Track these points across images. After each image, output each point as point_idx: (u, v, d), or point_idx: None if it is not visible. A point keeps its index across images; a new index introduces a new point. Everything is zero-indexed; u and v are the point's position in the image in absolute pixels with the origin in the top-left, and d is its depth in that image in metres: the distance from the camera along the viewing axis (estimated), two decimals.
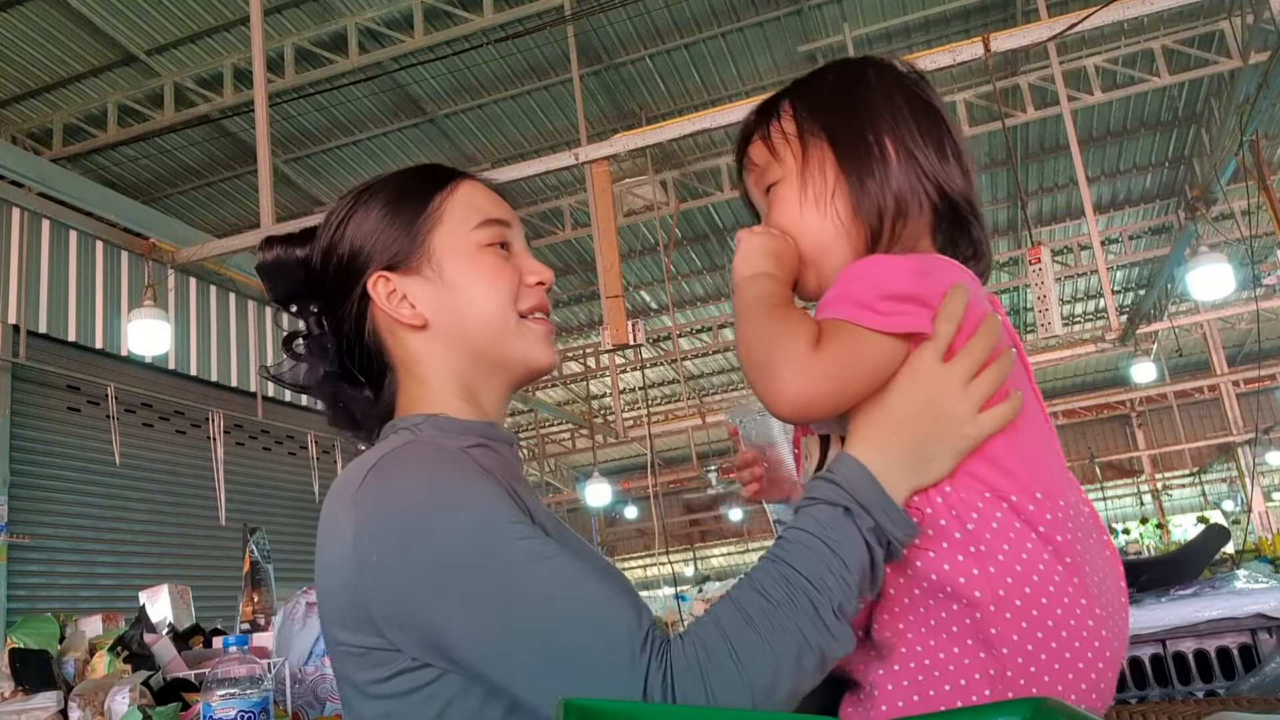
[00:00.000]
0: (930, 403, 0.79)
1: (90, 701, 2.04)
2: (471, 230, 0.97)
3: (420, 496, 0.82)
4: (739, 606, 0.77)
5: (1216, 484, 17.42)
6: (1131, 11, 4.17)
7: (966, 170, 0.91)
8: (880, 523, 0.77)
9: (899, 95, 0.91)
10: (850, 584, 0.76)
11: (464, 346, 0.97)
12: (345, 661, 0.87)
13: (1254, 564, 5.31)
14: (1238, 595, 2.56)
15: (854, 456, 0.80)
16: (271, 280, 1.01)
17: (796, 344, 0.79)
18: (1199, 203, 7.43)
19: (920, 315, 0.80)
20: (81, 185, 5.92)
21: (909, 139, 0.89)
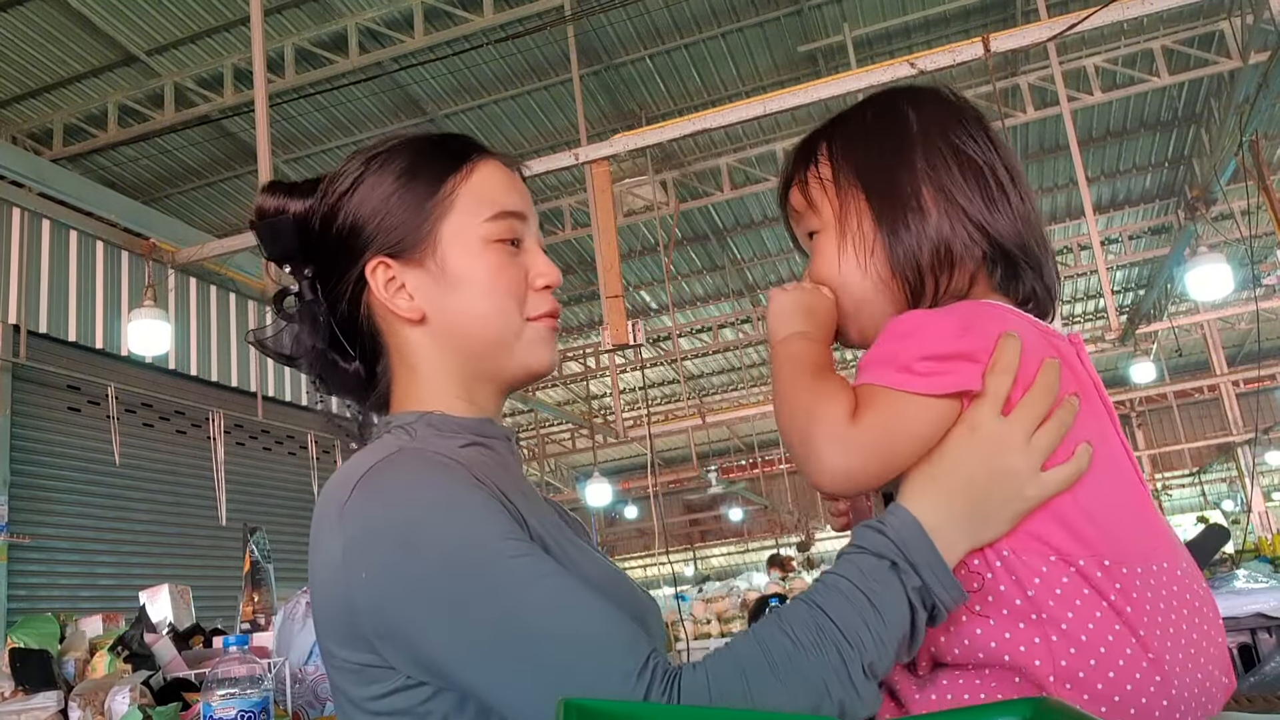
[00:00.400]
0: (988, 461, 0.75)
1: (90, 701, 2.04)
2: (483, 222, 0.91)
3: (409, 512, 0.79)
4: (762, 644, 0.73)
5: (1216, 484, 17.42)
6: (1131, 11, 4.17)
7: (1021, 210, 0.85)
8: (927, 582, 0.73)
9: (939, 135, 0.86)
10: (886, 643, 0.72)
11: (461, 345, 0.92)
12: (341, 676, 0.85)
13: (1254, 564, 5.31)
14: (1237, 595, 2.56)
15: (907, 509, 0.76)
16: (265, 235, 0.94)
17: (833, 416, 0.76)
18: (1199, 203, 7.43)
19: (968, 371, 0.76)
20: (82, 185, 5.92)
21: (950, 185, 0.84)
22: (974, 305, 0.83)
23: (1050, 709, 0.58)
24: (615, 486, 12.91)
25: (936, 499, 0.76)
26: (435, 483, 0.81)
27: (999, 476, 0.75)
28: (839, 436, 0.76)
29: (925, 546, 0.73)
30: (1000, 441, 0.75)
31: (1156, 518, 0.80)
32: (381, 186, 0.92)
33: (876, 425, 0.76)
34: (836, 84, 4.71)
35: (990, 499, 0.75)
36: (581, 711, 0.60)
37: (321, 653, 0.90)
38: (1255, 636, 2.61)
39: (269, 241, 0.95)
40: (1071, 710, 0.58)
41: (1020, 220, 0.85)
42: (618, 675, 0.72)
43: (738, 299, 12.24)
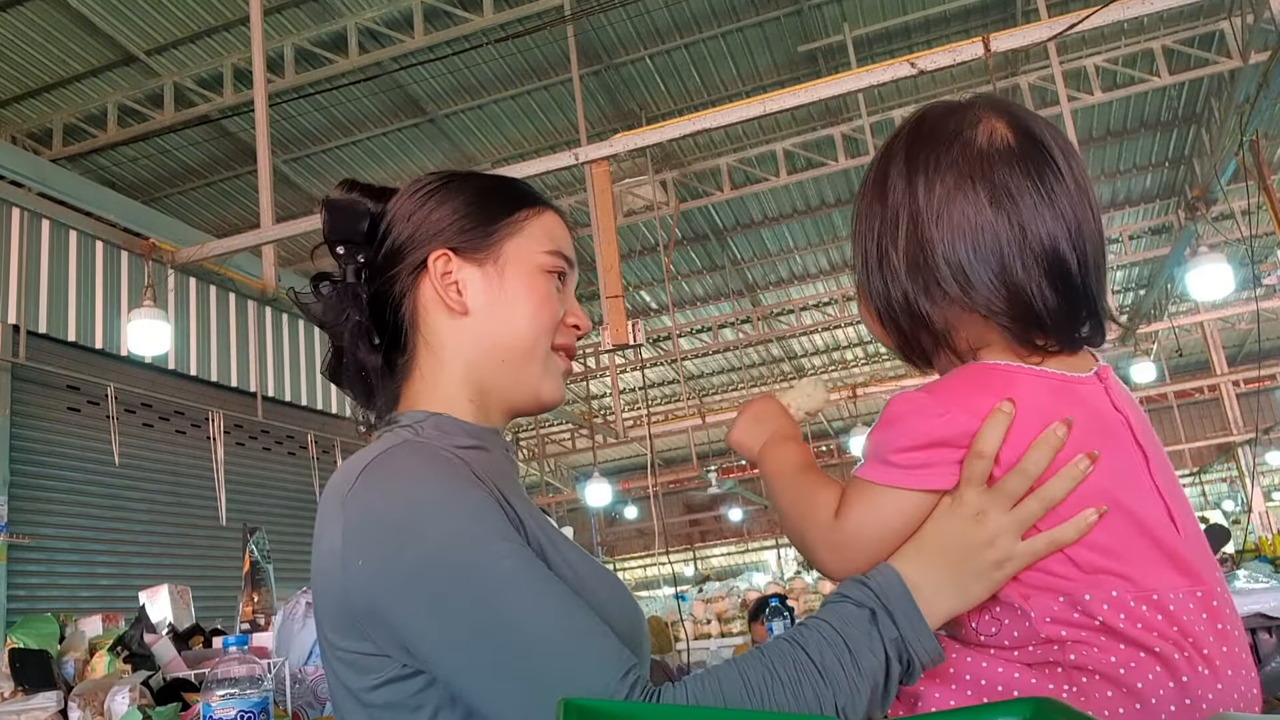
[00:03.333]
0: (964, 534, 0.78)
1: (90, 701, 2.04)
2: (542, 253, 0.99)
3: (409, 503, 0.81)
4: (742, 673, 0.76)
5: (1216, 484, 17.42)
6: (1131, 11, 4.16)
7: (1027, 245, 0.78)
8: (904, 634, 0.76)
9: (927, 182, 0.80)
10: (859, 689, 0.75)
11: (491, 350, 0.97)
12: (338, 666, 0.86)
13: (1254, 564, 5.31)
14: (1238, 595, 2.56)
15: (891, 566, 0.80)
16: (336, 217, 0.99)
17: (819, 519, 0.82)
18: (1199, 203, 7.42)
19: (942, 465, 0.78)
20: (81, 185, 5.92)
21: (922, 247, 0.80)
22: (972, 375, 0.81)
23: (1050, 709, 0.58)
24: (615, 486, 12.91)
25: (918, 562, 0.79)
26: (436, 477, 0.83)
27: (975, 549, 0.77)
28: (826, 538, 0.82)
29: (905, 599, 0.77)
30: (979, 516, 0.77)
31: (1182, 548, 0.78)
32: (461, 195, 1.00)
33: (859, 520, 0.80)
34: (836, 84, 4.71)
35: (967, 568, 0.78)
36: (581, 711, 0.60)
37: (320, 644, 0.91)
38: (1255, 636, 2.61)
39: (340, 220, 0.99)
40: (1071, 710, 0.58)
41: (1023, 257, 0.78)
42: (598, 684, 0.74)
43: (738, 299, 12.24)
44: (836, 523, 0.81)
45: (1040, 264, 0.78)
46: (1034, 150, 0.80)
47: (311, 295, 0.98)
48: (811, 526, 0.83)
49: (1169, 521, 0.79)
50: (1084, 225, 0.80)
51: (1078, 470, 0.76)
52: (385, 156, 8.40)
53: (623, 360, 12.21)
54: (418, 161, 8.53)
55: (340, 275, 0.99)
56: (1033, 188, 0.79)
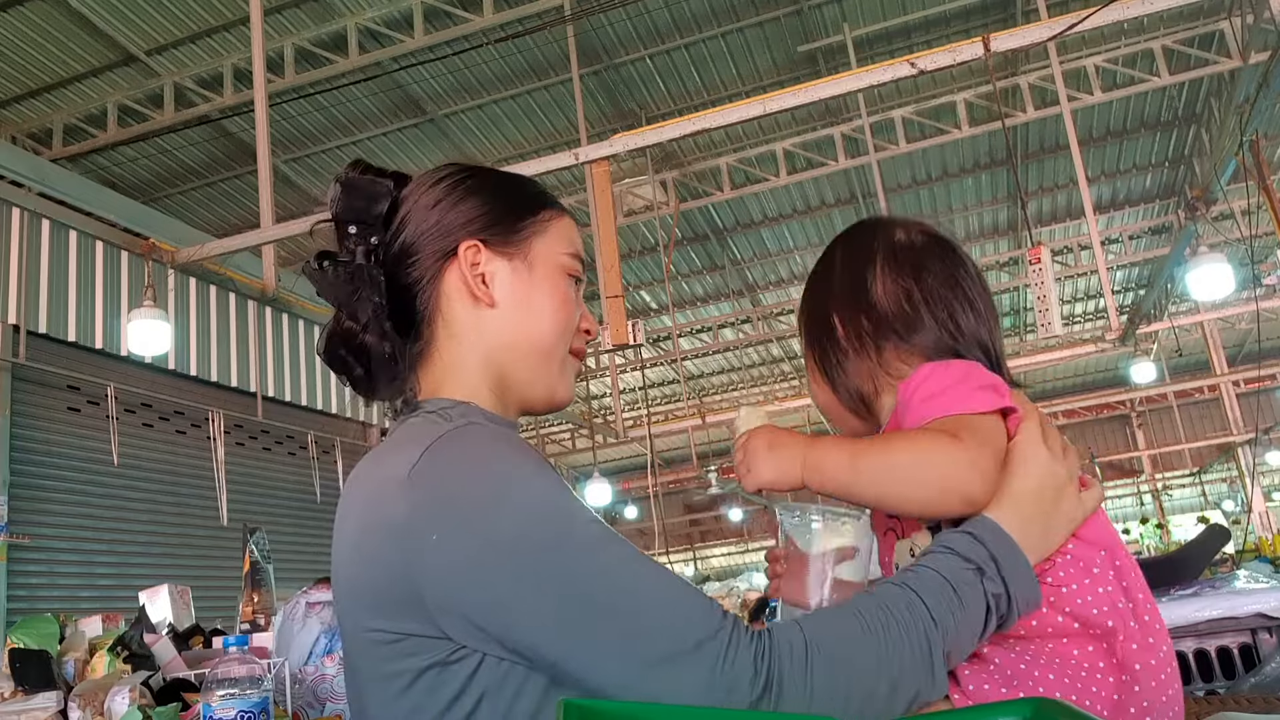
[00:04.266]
0: (1045, 480, 0.85)
1: (90, 702, 2.04)
2: (564, 254, 1.00)
3: (485, 476, 0.81)
4: (859, 614, 0.78)
5: (1217, 484, 17.41)
6: (1131, 11, 4.17)
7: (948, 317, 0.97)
8: (1010, 589, 0.80)
9: (859, 281, 1.01)
10: (964, 635, 0.79)
11: (514, 345, 0.97)
12: (373, 650, 0.84)
13: (1254, 564, 5.31)
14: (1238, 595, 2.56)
15: (996, 521, 0.83)
16: (353, 196, 0.97)
17: (948, 449, 0.84)
18: (1199, 203, 7.42)
19: (999, 395, 0.88)
20: (81, 185, 5.92)
21: (877, 326, 0.98)
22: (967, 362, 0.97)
23: (1050, 709, 0.58)
24: (615, 486, 12.93)
25: (1014, 511, 0.84)
26: (511, 453, 0.84)
27: (1057, 493, 0.85)
28: (969, 464, 0.84)
29: (1012, 553, 0.81)
30: (1051, 463, 0.86)
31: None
32: (487, 189, 1.00)
33: (981, 442, 0.85)
34: (836, 84, 4.71)
35: (1055, 513, 0.85)
36: (582, 711, 0.60)
37: (348, 630, 0.89)
38: (1255, 636, 2.60)
39: (358, 199, 0.97)
40: (1071, 710, 0.59)
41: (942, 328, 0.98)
42: (703, 632, 0.75)
43: (738, 299, 12.24)
44: (967, 446, 0.83)
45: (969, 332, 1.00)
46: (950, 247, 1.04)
47: (319, 274, 0.96)
48: (947, 461, 0.84)
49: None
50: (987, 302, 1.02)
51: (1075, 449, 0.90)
52: (385, 156, 8.39)
53: (623, 360, 12.21)
54: (418, 161, 8.53)
55: (348, 255, 0.96)
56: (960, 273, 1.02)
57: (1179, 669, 0.88)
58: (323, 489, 6.81)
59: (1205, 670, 2.50)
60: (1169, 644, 0.88)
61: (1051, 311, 5.15)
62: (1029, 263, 5.30)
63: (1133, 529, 15.14)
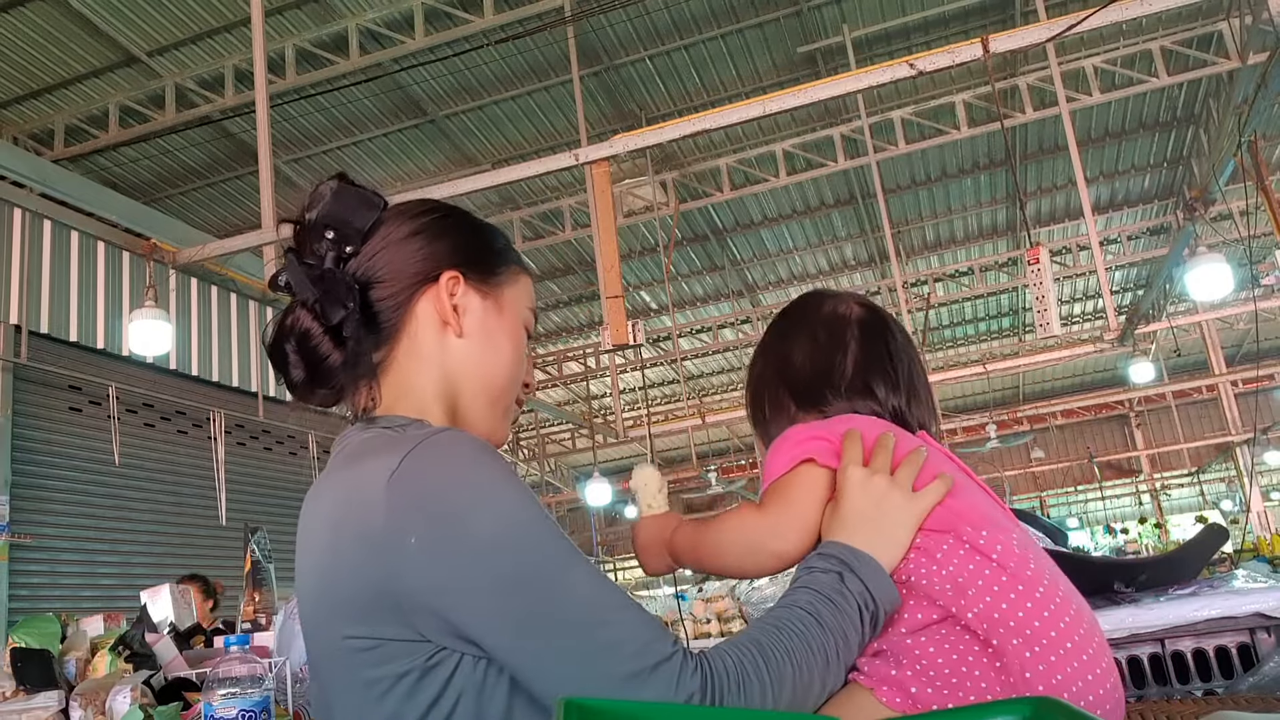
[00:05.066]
0: (868, 497, 0.95)
1: (91, 701, 2.04)
2: (526, 308, 1.07)
3: (466, 483, 0.83)
4: (770, 634, 0.85)
5: (1215, 484, 17.42)
6: (1130, 12, 4.17)
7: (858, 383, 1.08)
8: (869, 585, 0.88)
9: (784, 353, 1.14)
10: (850, 636, 0.87)
11: (472, 378, 1.00)
12: (350, 658, 0.84)
13: (1252, 563, 5.31)
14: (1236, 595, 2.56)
15: (833, 539, 0.93)
16: (344, 204, 0.98)
17: (748, 519, 1.01)
18: (1197, 203, 7.43)
19: (817, 444, 1.00)
20: (83, 186, 5.93)
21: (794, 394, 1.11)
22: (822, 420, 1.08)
23: (1050, 708, 0.59)
24: (615, 486, 12.91)
25: (847, 531, 0.93)
26: (487, 462, 0.86)
27: (883, 504, 0.94)
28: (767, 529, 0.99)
29: (860, 557, 0.90)
30: (871, 480, 0.95)
31: (1005, 511, 1.03)
32: (468, 229, 1.05)
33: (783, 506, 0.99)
34: (836, 85, 4.72)
35: (885, 522, 0.94)
36: (581, 711, 0.61)
37: (315, 639, 0.89)
38: (1254, 636, 2.60)
39: (350, 208, 0.98)
40: (1071, 709, 0.59)
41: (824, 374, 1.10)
42: (657, 651, 0.80)
43: (738, 299, 12.25)
44: (764, 512, 0.99)
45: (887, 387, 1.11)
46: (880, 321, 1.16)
47: (296, 266, 0.95)
48: (749, 529, 1.00)
49: (992, 497, 1.04)
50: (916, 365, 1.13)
51: (919, 455, 0.99)
52: (386, 157, 8.40)
53: (623, 360, 12.21)
54: (418, 162, 8.54)
55: (314, 258, 0.96)
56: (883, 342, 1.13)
57: (1104, 641, 0.92)
58: None
59: (1203, 670, 2.51)
60: (1070, 612, 0.91)
61: (1050, 312, 5.16)
62: (1028, 263, 5.31)
63: (1131, 528, 15.14)
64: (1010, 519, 1.01)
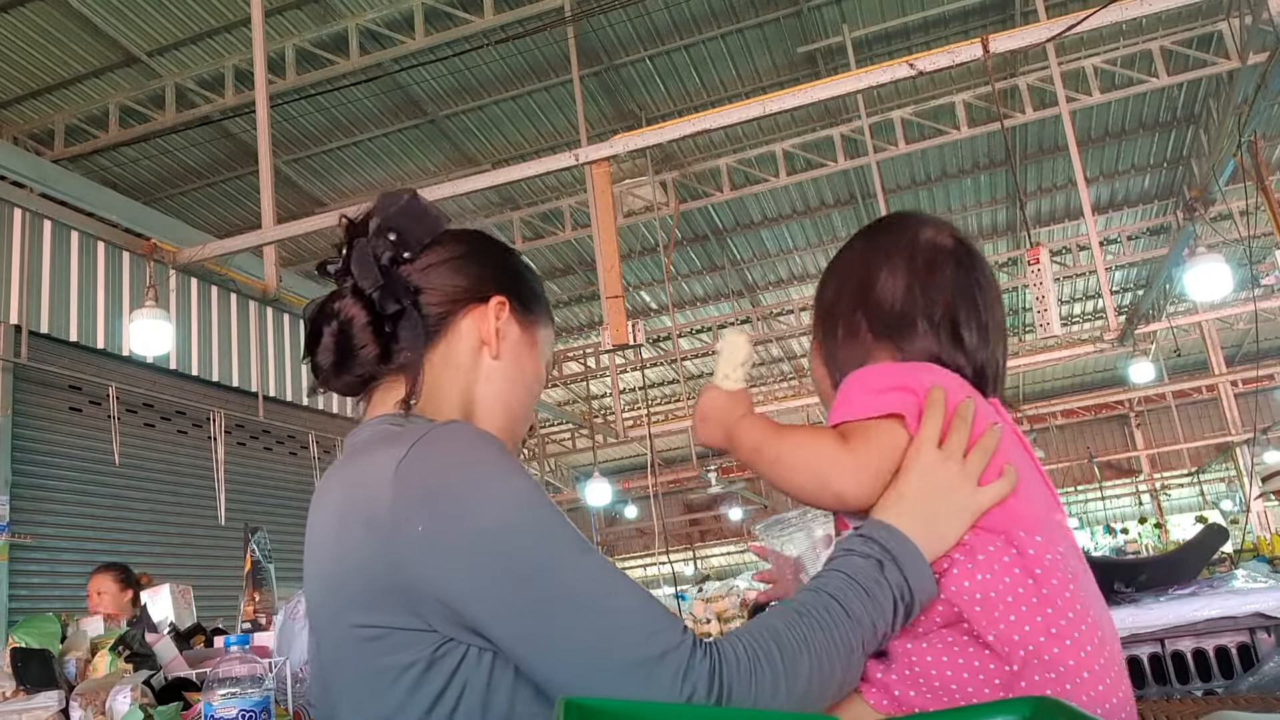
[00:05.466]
0: (935, 482, 0.89)
1: (91, 701, 2.04)
2: (548, 354, 1.14)
3: (472, 472, 0.84)
4: (788, 623, 0.83)
5: (1215, 484, 17.42)
6: (1130, 13, 4.17)
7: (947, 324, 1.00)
8: (909, 578, 0.85)
9: (868, 275, 1.04)
10: (878, 627, 0.84)
11: (498, 399, 1.04)
12: (359, 647, 0.84)
13: (1252, 563, 5.31)
14: (1236, 594, 2.56)
15: (883, 519, 0.89)
16: (410, 213, 1.03)
17: (831, 449, 0.92)
18: (1197, 203, 7.43)
19: (905, 397, 0.92)
20: (83, 186, 5.93)
21: (873, 321, 1.02)
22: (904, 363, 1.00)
23: (1050, 708, 0.59)
24: (615, 486, 12.92)
25: (902, 511, 0.89)
26: (492, 453, 0.87)
27: (946, 496, 0.89)
28: (844, 468, 0.91)
29: (909, 548, 0.86)
30: (941, 466, 0.90)
31: (1059, 507, 0.97)
32: (520, 267, 1.12)
33: (863, 448, 0.91)
34: (836, 85, 4.72)
35: (943, 512, 0.89)
36: (582, 711, 0.61)
37: (323, 628, 0.90)
38: (1254, 636, 2.60)
39: (418, 219, 1.04)
40: (1070, 709, 0.59)
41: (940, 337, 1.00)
42: (663, 644, 0.79)
43: (738, 299, 12.25)
44: (849, 448, 0.91)
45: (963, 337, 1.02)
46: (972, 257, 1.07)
47: (361, 253, 1.00)
48: (828, 460, 0.91)
49: (1049, 487, 0.98)
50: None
51: (996, 433, 0.93)
52: (386, 157, 8.40)
53: (623, 360, 12.21)
54: (418, 162, 8.54)
55: (377, 254, 1.00)
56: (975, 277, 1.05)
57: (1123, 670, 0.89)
58: None
59: (1203, 670, 2.51)
60: (1094, 640, 0.87)
61: (1050, 312, 5.17)
62: (1028, 263, 5.31)
63: (1131, 528, 15.14)
64: (1063, 518, 0.96)
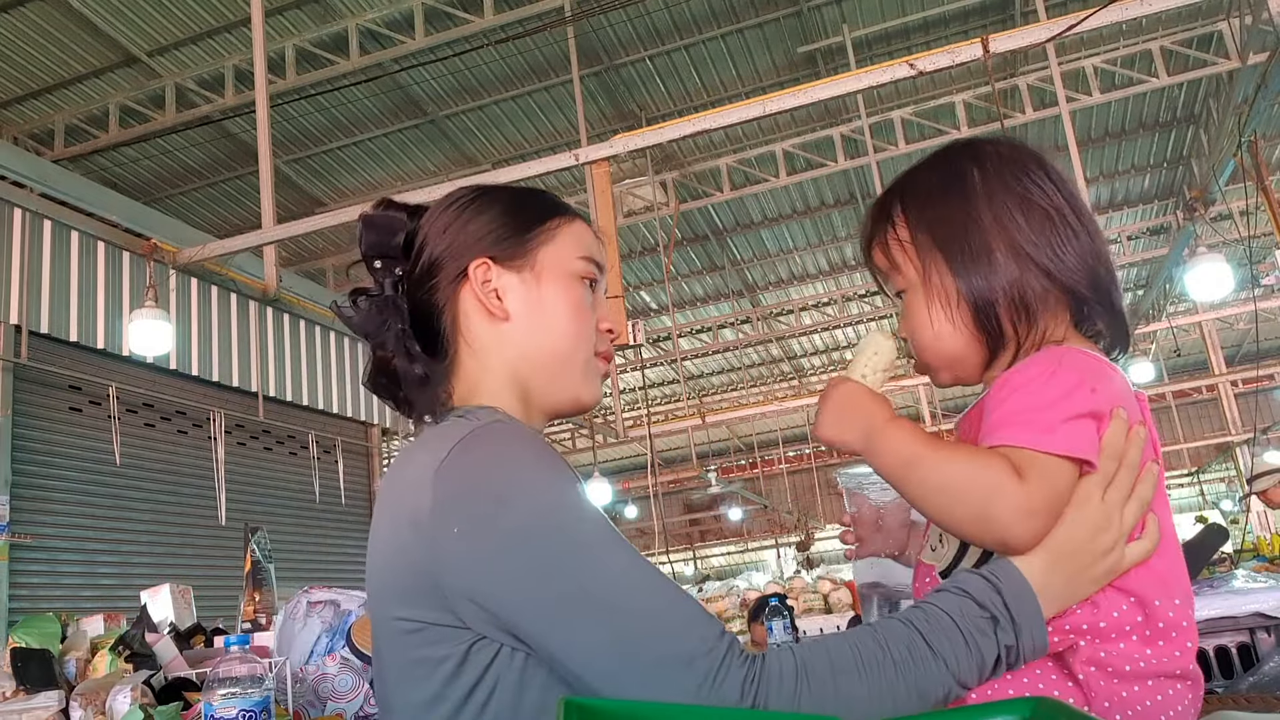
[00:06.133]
0: (1092, 536, 0.81)
1: (91, 701, 2.04)
2: (575, 259, 1.03)
3: (507, 473, 0.85)
4: (854, 646, 0.78)
5: (1215, 484, 17.42)
6: (1130, 13, 4.17)
7: (1090, 247, 0.90)
8: (1022, 643, 0.79)
9: (1001, 188, 0.90)
10: (969, 679, 0.78)
11: (534, 354, 0.99)
12: (399, 639, 0.87)
13: (1252, 563, 5.31)
14: (1236, 594, 2.57)
15: (1019, 570, 0.81)
16: (373, 233, 1.01)
17: (1005, 488, 0.80)
18: (1197, 203, 7.43)
19: (1092, 431, 0.81)
20: (83, 186, 5.92)
21: (1020, 239, 0.88)
22: (1086, 358, 0.87)
23: (1050, 709, 0.59)
24: (615, 486, 12.92)
25: (1046, 563, 0.81)
26: (531, 451, 0.87)
27: (1098, 552, 0.81)
28: (1019, 506, 0.80)
29: (1033, 611, 0.79)
30: (1104, 519, 0.81)
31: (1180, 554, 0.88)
32: (495, 207, 1.03)
33: (1044, 488, 0.80)
34: (836, 85, 4.72)
35: (1088, 570, 0.81)
36: (582, 711, 0.61)
37: (375, 617, 0.92)
38: (1254, 636, 2.61)
39: (377, 235, 1.02)
40: (1070, 709, 0.59)
41: (1090, 256, 0.89)
42: (698, 645, 0.77)
43: (738, 299, 12.25)
44: (1025, 490, 0.79)
45: (1104, 259, 0.92)
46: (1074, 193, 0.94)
47: (350, 309, 1.01)
48: (999, 497, 0.80)
49: (1172, 528, 0.89)
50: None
51: (1153, 478, 0.84)
52: (386, 157, 8.40)
53: (623, 360, 12.22)
54: (418, 162, 8.54)
55: (378, 289, 1.01)
56: (1091, 219, 0.93)
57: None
58: (322, 489, 6.82)
59: (1204, 670, 2.50)
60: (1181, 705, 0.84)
61: None
62: None
63: None
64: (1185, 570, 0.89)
